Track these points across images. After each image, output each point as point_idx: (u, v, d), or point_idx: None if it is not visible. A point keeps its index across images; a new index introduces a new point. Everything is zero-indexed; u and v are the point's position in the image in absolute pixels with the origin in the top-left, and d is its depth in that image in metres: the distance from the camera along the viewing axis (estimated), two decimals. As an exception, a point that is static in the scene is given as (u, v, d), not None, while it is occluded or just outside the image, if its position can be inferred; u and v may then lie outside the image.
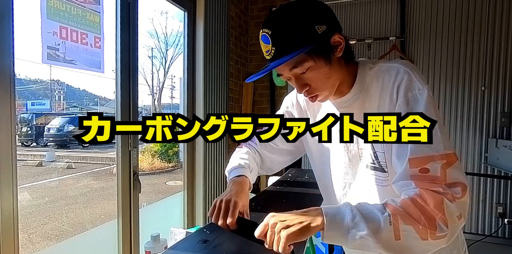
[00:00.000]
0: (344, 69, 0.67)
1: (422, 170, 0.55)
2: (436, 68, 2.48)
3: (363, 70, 0.68)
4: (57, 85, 6.59)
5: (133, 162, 1.59)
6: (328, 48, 0.62)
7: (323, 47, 0.62)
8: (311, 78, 0.63)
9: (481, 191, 2.40)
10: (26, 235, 2.96)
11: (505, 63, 2.32)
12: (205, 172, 2.22)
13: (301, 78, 0.64)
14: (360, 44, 2.65)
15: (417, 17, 2.51)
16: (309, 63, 0.61)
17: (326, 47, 0.62)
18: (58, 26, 1.29)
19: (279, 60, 0.60)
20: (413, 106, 0.59)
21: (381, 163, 0.67)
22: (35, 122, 5.25)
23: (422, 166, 0.55)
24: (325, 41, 0.62)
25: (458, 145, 2.44)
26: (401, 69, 0.62)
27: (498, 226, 2.37)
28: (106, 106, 9.71)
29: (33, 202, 3.80)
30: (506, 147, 2.13)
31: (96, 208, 3.91)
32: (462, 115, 2.43)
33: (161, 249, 1.22)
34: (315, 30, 0.60)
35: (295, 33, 0.60)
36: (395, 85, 0.62)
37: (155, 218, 2.04)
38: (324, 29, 0.60)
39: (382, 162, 0.67)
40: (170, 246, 0.72)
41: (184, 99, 2.20)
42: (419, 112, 0.56)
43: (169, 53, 11.67)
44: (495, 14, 2.32)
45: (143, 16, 10.90)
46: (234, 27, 2.69)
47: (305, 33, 0.60)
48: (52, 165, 5.06)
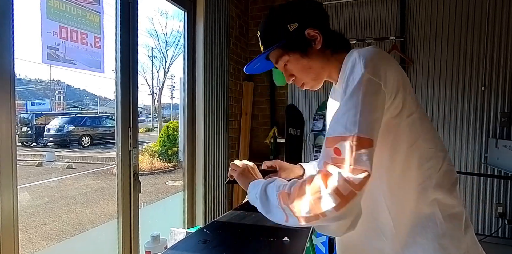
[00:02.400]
0: (332, 58, 0.72)
1: (336, 151, 0.53)
2: (436, 68, 2.48)
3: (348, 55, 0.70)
4: (57, 85, 6.59)
5: (133, 162, 1.59)
6: (302, 42, 0.70)
7: (296, 42, 0.70)
8: (292, 69, 0.73)
9: (481, 191, 2.40)
10: (26, 235, 2.96)
11: (505, 63, 2.32)
12: (205, 172, 2.22)
13: (287, 70, 0.75)
14: (360, 44, 2.65)
15: (417, 17, 2.51)
16: (286, 57, 0.72)
17: (300, 42, 0.70)
18: (58, 26, 1.29)
19: (260, 56, 0.73)
20: (346, 89, 0.58)
21: None
22: (35, 122, 5.25)
23: (334, 146, 0.54)
24: (298, 36, 0.70)
25: (458, 145, 2.45)
26: (354, 53, 0.62)
27: (498, 226, 2.37)
28: (106, 106, 9.72)
29: (33, 202, 3.80)
30: (506, 147, 2.13)
31: (96, 208, 3.91)
32: (462, 115, 2.43)
33: (161, 249, 1.22)
34: (287, 28, 0.69)
35: (272, 32, 0.72)
36: (345, 69, 0.62)
37: (155, 218, 2.04)
38: (296, 26, 0.69)
39: None
40: (170, 246, 0.72)
41: (184, 99, 2.20)
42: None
43: (169, 53, 11.69)
44: (495, 14, 2.33)
45: (143, 16, 10.90)
46: (234, 27, 2.69)
47: (279, 31, 0.71)
48: (52, 165, 5.06)
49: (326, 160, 0.54)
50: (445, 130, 2.47)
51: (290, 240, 0.77)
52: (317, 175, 0.54)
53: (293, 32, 0.69)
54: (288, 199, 0.55)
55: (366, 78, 0.56)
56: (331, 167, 0.53)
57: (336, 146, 0.53)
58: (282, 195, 0.57)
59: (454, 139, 2.45)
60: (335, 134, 0.55)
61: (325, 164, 0.54)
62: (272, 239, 0.77)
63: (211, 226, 0.80)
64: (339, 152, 0.53)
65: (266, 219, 0.60)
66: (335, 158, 0.53)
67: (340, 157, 0.52)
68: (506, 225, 2.33)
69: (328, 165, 0.53)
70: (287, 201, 0.56)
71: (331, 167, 0.53)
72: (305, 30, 0.69)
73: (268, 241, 0.76)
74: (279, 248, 0.73)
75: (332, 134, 0.56)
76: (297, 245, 0.75)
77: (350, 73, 0.59)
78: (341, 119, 0.56)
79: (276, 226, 0.85)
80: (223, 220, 0.93)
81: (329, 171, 0.53)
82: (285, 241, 0.76)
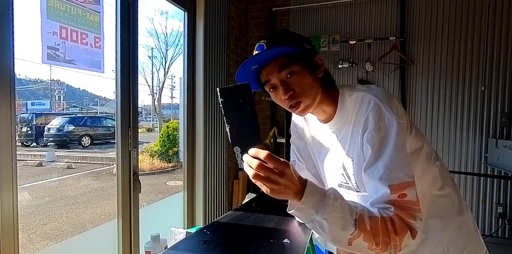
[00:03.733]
0: (325, 90, 0.75)
1: (400, 195, 0.60)
2: (436, 68, 2.48)
3: (343, 96, 0.75)
4: (57, 85, 6.59)
5: (133, 162, 1.59)
6: (312, 63, 0.72)
7: (309, 58, 0.72)
8: (296, 83, 0.69)
9: (481, 191, 2.40)
10: (26, 235, 2.96)
11: (505, 63, 2.32)
12: (205, 172, 2.22)
13: (286, 83, 0.69)
14: (360, 44, 2.65)
15: (417, 17, 2.51)
16: (296, 67, 0.69)
17: (311, 60, 0.72)
18: (58, 26, 1.29)
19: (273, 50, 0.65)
20: (383, 135, 0.64)
21: (353, 184, 0.74)
22: (35, 122, 5.25)
23: (401, 192, 0.60)
24: (310, 55, 0.72)
25: (458, 145, 2.44)
26: (372, 100, 0.68)
27: (498, 226, 2.37)
28: (106, 106, 9.72)
29: (33, 202, 3.80)
30: (506, 147, 2.13)
31: (96, 208, 3.91)
32: (462, 115, 2.43)
33: (161, 249, 1.22)
34: (303, 45, 0.71)
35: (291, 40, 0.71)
36: (366, 117, 0.68)
37: (155, 218, 2.04)
38: (310, 47, 0.73)
39: (353, 183, 0.74)
40: (170, 246, 0.72)
41: (184, 99, 2.20)
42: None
43: (169, 53, 11.67)
44: (495, 14, 2.32)
45: (143, 16, 10.90)
46: (234, 27, 2.69)
47: (297, 41, 0.71)
48: (52, 165, 5.06)
49: (398, 208, 0.59)
50: (445, 130, 2.47)
51: (290, 242, 0.77)
52: (392, 221, 0.58)
53: (308, 50, 0.72)
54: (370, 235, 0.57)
55: (399, 123, 0.64)
56: (405, 214, 0.59)
57: (404, 192, 0.60)
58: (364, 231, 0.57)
59: (454, 139, 2.45)
60: (398, 181, 0.61)
61: (397, 211, 0.59)
62: (272, 240, 0.77)
63: (211, 226, 0.80)
64: (405, 195, 0.60)
65: (266, 220, 0.60)
66: (404, 205, 0.60)
67: (407, 200, 0.60)
68: (506, 225, 2.33)
69: (402, 213, 0.59)
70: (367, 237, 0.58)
71: (405, 215, 0.59)
72: (316, 55, 0.73)
73: (268, 242, 0.76)
74: (279, 250, 0.73)
75: (394, 181, 0.61)
76: (297, 247, 0.75)
77: (377, 118, 0.65)
78: (396, 165, 0.62)
79: (276, 227, 0.85)
80: (223, 220, 0.93)
81: (405, 219, 0.59)
82: (285, 243, 0.76)
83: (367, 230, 0.56)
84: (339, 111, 0.75)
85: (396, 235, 0.57)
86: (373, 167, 0.64)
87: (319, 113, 0.79)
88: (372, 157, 0.64)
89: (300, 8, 2.83)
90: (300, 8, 2.83)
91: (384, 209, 0.60)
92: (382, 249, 0.57)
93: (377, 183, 0.62)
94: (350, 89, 0.75)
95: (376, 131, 0.65)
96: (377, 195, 0.62)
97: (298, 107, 0.71)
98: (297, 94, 0.69)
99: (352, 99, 0.73)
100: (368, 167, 0.65)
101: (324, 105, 0.76)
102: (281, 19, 2.92)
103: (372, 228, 0.57)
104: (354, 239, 0.56)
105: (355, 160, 0.71)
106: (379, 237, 0.56)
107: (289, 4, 2.87)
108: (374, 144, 0.64)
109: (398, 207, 0.59)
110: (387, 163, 0.62)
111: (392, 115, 0.64)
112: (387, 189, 0.61)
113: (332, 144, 0.79)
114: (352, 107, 0.73)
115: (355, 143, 0.70)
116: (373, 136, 0.65)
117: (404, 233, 0.58)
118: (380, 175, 0.62)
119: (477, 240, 0.78)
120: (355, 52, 2.68)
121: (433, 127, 2.50)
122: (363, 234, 0.56)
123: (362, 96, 0.71)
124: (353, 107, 0.72)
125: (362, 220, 0.57)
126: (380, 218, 0.58)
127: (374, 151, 0.64)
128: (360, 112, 0.70)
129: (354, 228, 0.56)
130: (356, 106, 0.71)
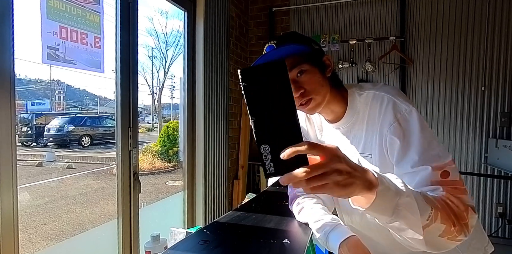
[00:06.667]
0: (334, 90, 0.75)
1: (443, 174, 0.60)
2: (436, 68, 2.48)
3: (353, 96, 0.76)
4: (57, 85, 6.59)
5: (133, 162, 1.59)
6: (321, 62, 0.73)
7: (318, 57, 0.73)
8: (306, 81, 0.70)
9: (481, 191, 2.40)
10: (26, 235, 2.96)
11: (505, 63, 2.32)
12: (205, 172, 2.22)
13: (297, 81, 0.70)
14: (360, 44, 2.65)
15: (417, 17, 2.51)
16: (306, 66, 0.70)
17: (320, 60, 0.73)
18: (58, 26, 1.29)
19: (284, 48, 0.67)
20: (405, 126, 0.66)
21: None
22: (35, 122, 5.25)
23: (443, 169, 0.60)
24: (319, 55, 0.74)
25: (458, 145, 2.44)
26: (385, 97, 0.70)
27: (498, 226, 2.37)
28: (106, 106, 9.71)
29: (33, 202, 3.80)
30: (506, 147, 2.13)
31: (96, 208, 3.91)
32: (462, 115, 2.43)
33: (161, 249, 1.22)
34: (312, 45, 0.73)
35: (300, 40, 0.73)
36: (382, 112, 0.69)
37: (155, 218, 2.04)
38: (318, 48, 0.75)
39: None
40: (170, 246, 0.72)
41: (184, 99, 2.20)
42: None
43: (169, 53, 11.67)
44: (495, 14, 2.32)
45: (143, 15, 10.90)
46: (234, 27, 2.69)
47: (306, 42, 0.73)
48: (52, 165, 5.06)
49: (445, 186, 0.59)
50: (445, 130, 2.47)
51: (290, 242, 0.77)
52: (451, 200, 0.56)
53: (316, 50, 0.74)
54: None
55: (417, 112, 0.66)
56: (455, 192, 0.58)
57: (446, 169, 0.60)
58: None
59: (454, 139, 2.45)
60: (436, 160, 0.61)
61: (447, 189, 0.58)
62: (272, 240, 0.77)
63: (211, 226, 0.80)
64: (448, 174, 0.60)
65: (266, 220, 0.60)
66: (451, 185, 0.59)
67: (450, 180, 0.60)
68: (506, 225, 2.33)
69: (451, 190, 0.58)
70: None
71: (456, 192, 0.58)
72: (324, 55, 0.75)
73: (268, 242, 0.76)
74: (279, 250, 0.73)
75: (432, 161, 0.61)
76: (297, 247, 0.75)
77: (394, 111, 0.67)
78: (429, 148, 0.63)
79: (276, 227, 0.85)
80: (223, 220, 0.93)
81: (457, 196, 0.58)
82: (285, 243, 0.76)
83: (441, 209, 0.52)
84: (349, 110, 0.75)
85: (462, 212, 0.55)
86: (407, 157, 0.64)
87: (327, 113, 0.79)
88: (403, 148, 0.64)
89: (300, 8, 2.83)
90: (300, 8, 2.83)
91: (433, 191, 0.58)
92: (459, 230, 0.53)
93: (416, 169, 0.62)
94: (360, 89, 0.75)
95: (398, 123, 0.66)
96: (419, 177, 0.61)
97: (309, 105, 0.71)
98: (308, 92, 0.70)
99: (362, 98, 0.74)
100: (401, 159, 0.65)
101: (333, 104, 0.76)
102: (281, 19, 2.92)
103: (443, 207, 0.53)
104: (432, 223, 0.50)
105: (375, 156, 0.71)
106: (452, 216, 0.53)
107: (289, 4, 2.87)
108: (400, 136, 0.65)
109: (447, 186, 0.58)
110: (419, 149, 0.63)
111: (408, 105, 0.67)
112: (428, 167, 0.60)
113: (341, 143, 0.79)
114: (363, 106, 0.73)
115: (372, 140, 0.71)
116: (396, 128, 0.66)
117: (467, 209, 0.56)
118: (415, 161, 0.62)
119: (481, 231, 0.80)
120: (355, 52, 2.68)
121: (433, 127, 2.50)
122: (440, 214, 0.51)
123: (373, 94, 0.72)
124: (364, 105, 0.73)
125: (430, 199, 0.53)
126: (439, 197, 0.55)
127: (403, 142, 0.65)
128: (373, 109, 0.71)
129: (430, 208, 0.50)
130: (367, 105, 0.72)
